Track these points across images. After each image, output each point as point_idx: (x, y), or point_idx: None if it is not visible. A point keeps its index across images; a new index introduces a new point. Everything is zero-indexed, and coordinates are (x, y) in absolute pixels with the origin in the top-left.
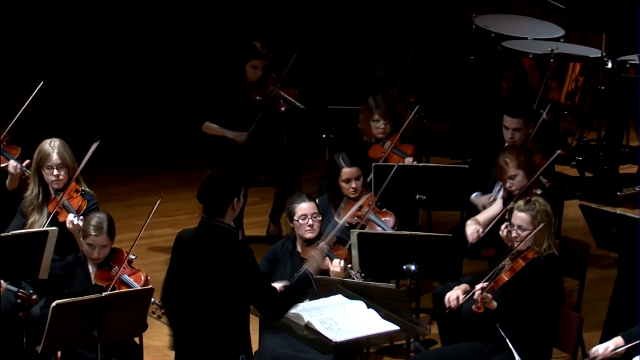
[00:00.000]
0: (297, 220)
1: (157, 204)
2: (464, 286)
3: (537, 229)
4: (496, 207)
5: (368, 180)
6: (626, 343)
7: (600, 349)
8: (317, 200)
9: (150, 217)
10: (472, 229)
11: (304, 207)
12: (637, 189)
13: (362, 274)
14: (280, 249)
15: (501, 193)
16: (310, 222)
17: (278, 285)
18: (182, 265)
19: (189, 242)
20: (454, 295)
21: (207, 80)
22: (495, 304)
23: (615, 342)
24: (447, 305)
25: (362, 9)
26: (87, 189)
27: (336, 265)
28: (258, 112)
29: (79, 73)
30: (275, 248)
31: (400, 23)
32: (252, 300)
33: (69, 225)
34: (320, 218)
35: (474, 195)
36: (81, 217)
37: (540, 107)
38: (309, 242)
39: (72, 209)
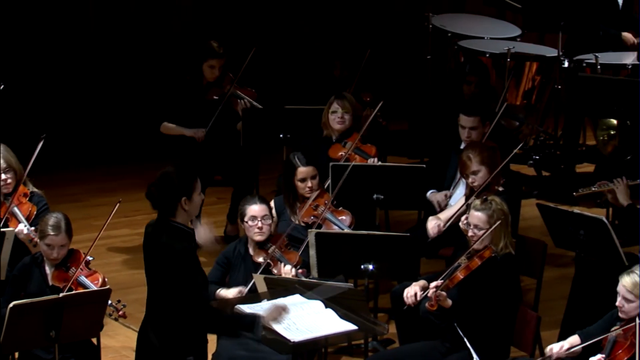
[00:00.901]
0: (247, 222)
1: (115, 208)
2: (422, 282)
3: (492, 228)
4: (459, 204)
5: (327, 182)
6: (583, 342)
7: (555, 347)
8: (272, 201)
9: (108, 220)
10: (434, 223)
11: (254, 209)
12: (593, 188)
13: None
14: (232, 252)
15: (457, 190)
16: (260, 224)
17: (234, 290)
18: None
19: (146, 238)
20: (412, 291)
21: (164, 80)
22: (449, 302)
23: (571, 341)
24: (406, 301)
25: (319, 8)
26: (36, 190)
27: (287, 272)
28: (215, 112)
29: (38, 73)
30: (227, 252)
31: (357, 22)
32: (185, 305)
33: (20, 236)
34: (270, 221)
35: (429, 192)
36: (32, 227)
37: (505, 110)
38: (260, 245)
39: (22, 218)
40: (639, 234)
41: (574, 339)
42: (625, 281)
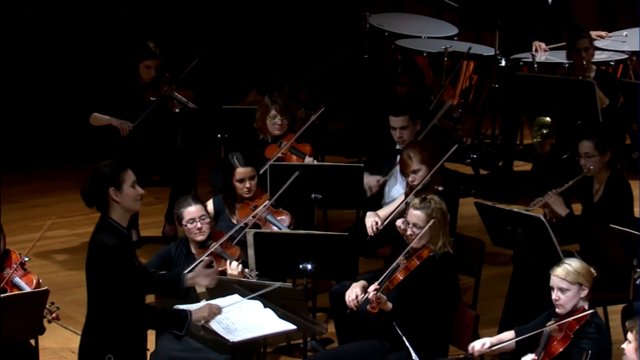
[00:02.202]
0: (186, 225)
1: (46, 226)
2: (361, 283)
3: (428, 225)
4: (397, 202)
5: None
6: (517, 336)
7: (477, 345)
8: (211, 201)
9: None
10: (371, 220)
11: (191, 211)
12: (529, 209)
13: (257, 274)
14: (174, 251)
15: (393, 189)
16: (199, 225)
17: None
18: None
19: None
20: (353, 294)
21: (101, 80)
22: (390, 305)
23: (501, 337)
24: (348, 305)
25: (256, 7)
26: None
27: (234, 268)
28: (151, 112)
29: None
30: (171, 249)
31: (294, 22)
32: (110, 303)
33: None
34: (208, 220)
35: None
36: None
37: (438, 109)
38: (202, 244)
39: None
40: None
41: (508, 334)
42: (557, 272)
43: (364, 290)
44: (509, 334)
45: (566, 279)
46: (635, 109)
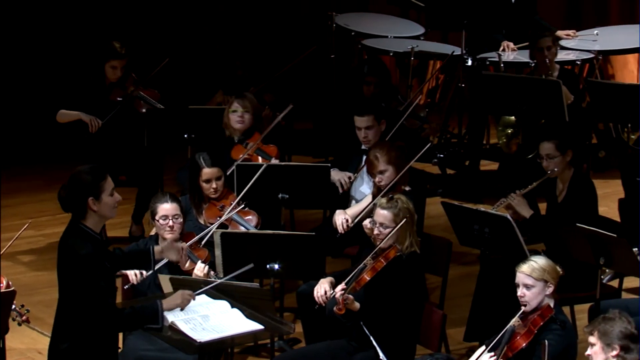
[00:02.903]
0: (158, 220)
1: (24, 228)
2: (329, 279)
3: (398, 226)
4: (365, 202)
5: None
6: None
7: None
8: (180, 200)
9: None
10: (341, 218)
11: (166, 208)
12: (492, 211)
13: (221, 277)
14: (143, 248)
15: (359, 188)
16: (171, 223)
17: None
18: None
19: (60, 240)
20: (322, 290)
21: (67, 81)
22: (357, 305)
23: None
24: (317, 300)
25: (220, 7)
26: None
27: (199, 269)
28: (118, 112)
29: None
30: (139, 245)
31: (259, 22)
32: (80, 309)
33: None
34: (181, 220)
35: (332, 170)
36: None
37: (407, 109)
38: None
39: None
40: (549, 239)
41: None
42: (523, 268)
43: (333, 286)
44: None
45: (531, 275)
46: (601, 108)
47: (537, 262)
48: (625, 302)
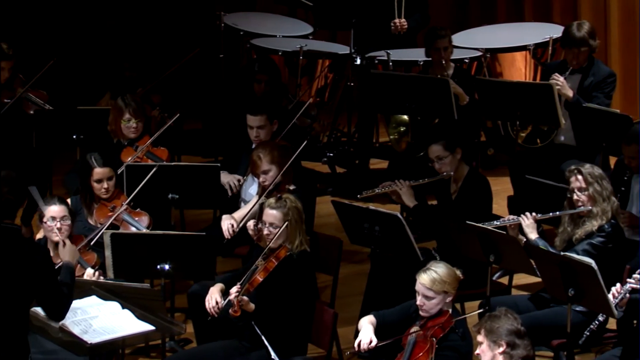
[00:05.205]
0: (46, 222)
1: None
2: (219, 287)
3: (284, 226)
4: (251, 204)
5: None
6: (378, 321)
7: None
8: (68, 200)
9: None
10: (227, 223)
11: (53, 210)
12: (377, 190)
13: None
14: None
15: (249, 189)
16: (58, 224)
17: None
18: None
19: None
20: (213, 301)
21: None
22: (252, 306)
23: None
24: (210, 312)
25: (108, 8)
26: None
27: (89, 275)
28: (5, 113)
29: None
30: None
31: (147, 22)
32: (42, 299)
33: None
34: (69, 222)
35: (222, 173)
36: None
37: (297, 108)
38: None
39: None
40: (432, 230)
41: (370, 319)
42: (423, 279)
43: (223, 294)
44: (372, 318)
45: (432, 288)
46: (489, 105)
47: (438, 273)
48: (515, 299)
